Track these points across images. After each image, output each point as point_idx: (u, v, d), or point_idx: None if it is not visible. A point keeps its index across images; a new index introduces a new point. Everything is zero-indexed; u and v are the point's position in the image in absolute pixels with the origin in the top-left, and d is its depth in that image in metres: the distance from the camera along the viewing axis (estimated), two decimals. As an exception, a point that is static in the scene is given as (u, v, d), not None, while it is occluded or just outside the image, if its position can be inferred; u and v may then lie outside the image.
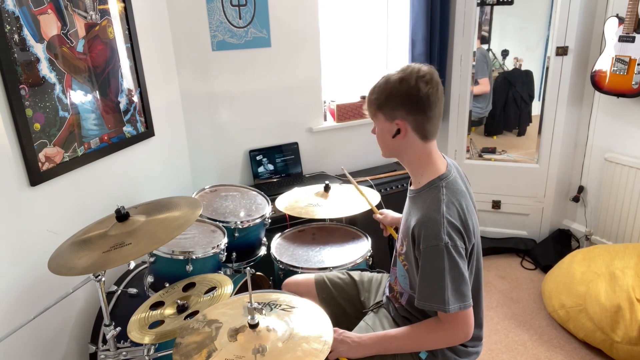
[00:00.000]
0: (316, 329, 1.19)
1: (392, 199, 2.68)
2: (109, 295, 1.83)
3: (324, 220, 2.25)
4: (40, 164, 1.59)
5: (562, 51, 2.74)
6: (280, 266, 1.93)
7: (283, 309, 1.26)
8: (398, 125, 1.28)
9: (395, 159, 1.41)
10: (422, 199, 1.30)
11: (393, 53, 3.32)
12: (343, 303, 1.64)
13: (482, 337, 1.46)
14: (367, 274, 1.73)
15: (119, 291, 1.85)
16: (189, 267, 1.68)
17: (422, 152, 1.32)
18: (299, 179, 2.93)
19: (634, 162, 2.59)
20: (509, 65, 3.01)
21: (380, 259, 2.01)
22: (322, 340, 1.14)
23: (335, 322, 1.31)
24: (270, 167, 2.93)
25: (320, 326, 1.20)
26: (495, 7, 2.92)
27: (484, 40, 3.01)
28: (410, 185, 1.41)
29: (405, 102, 1.26)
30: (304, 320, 1.22)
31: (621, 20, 2.45)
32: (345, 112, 3.09)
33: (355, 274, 1.72)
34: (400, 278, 1.43)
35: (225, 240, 1.82)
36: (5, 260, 1.50)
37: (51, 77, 1.64)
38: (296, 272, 1.87)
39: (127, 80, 2.10)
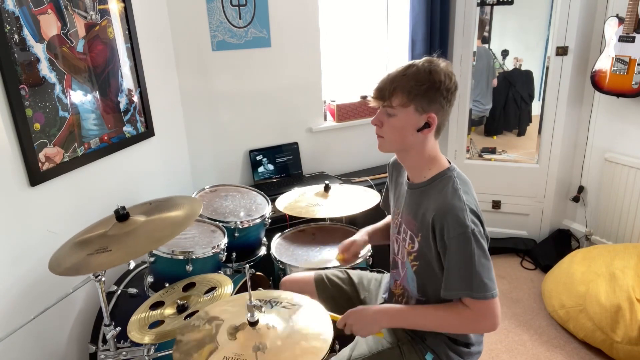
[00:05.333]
0: (316, 327, 1.19)
1: (392, 199, 2.68)
2: (109, 295, 1.83)
3: (324, 220, 2.25)
4: (40, 164, 1.59)
5: (562, 51, 2.74)
6: (280, 266, 1.93)
7: (284, 307, 1.26)
8: (429, 119, 1.25)
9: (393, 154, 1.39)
10: (435, 190, 1.28)
11: (393, 53, 3.32)
12: (343, 303, 1.63)
13: (483, 336, 1.45)
14: (366, 274, 1.72)
15: (119, 291, 1.85)
16: (189, 267, 1.68)
17: (431, 147, 1.31)
18: (299, 179, 2.93)
19: (634, 162, 2.59)
20: (509, 65, 3.01)
21: (380, 259, 2.00)
22: (321, 339, 1.14)
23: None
24: (270, 167, 2.93)
25: (320, 324, 1.20)
26: (495, 7, 2.92)
27: (485, 40, 3.01)
28: (408, 179, 1.39)
29: (443, 97, 1.24)
30: (304, 318, 1.22)
31: (621, 20, 2.45)
32: (345, 112, 3.09)
33: (354, 274, 1.71)
34: (408, 281, 1.40)
35: (225, 240, 1.82)
36: (5, 261, 1.50)
37: (51, 77, 1.64)
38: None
39: (127, 80, 2.10)
